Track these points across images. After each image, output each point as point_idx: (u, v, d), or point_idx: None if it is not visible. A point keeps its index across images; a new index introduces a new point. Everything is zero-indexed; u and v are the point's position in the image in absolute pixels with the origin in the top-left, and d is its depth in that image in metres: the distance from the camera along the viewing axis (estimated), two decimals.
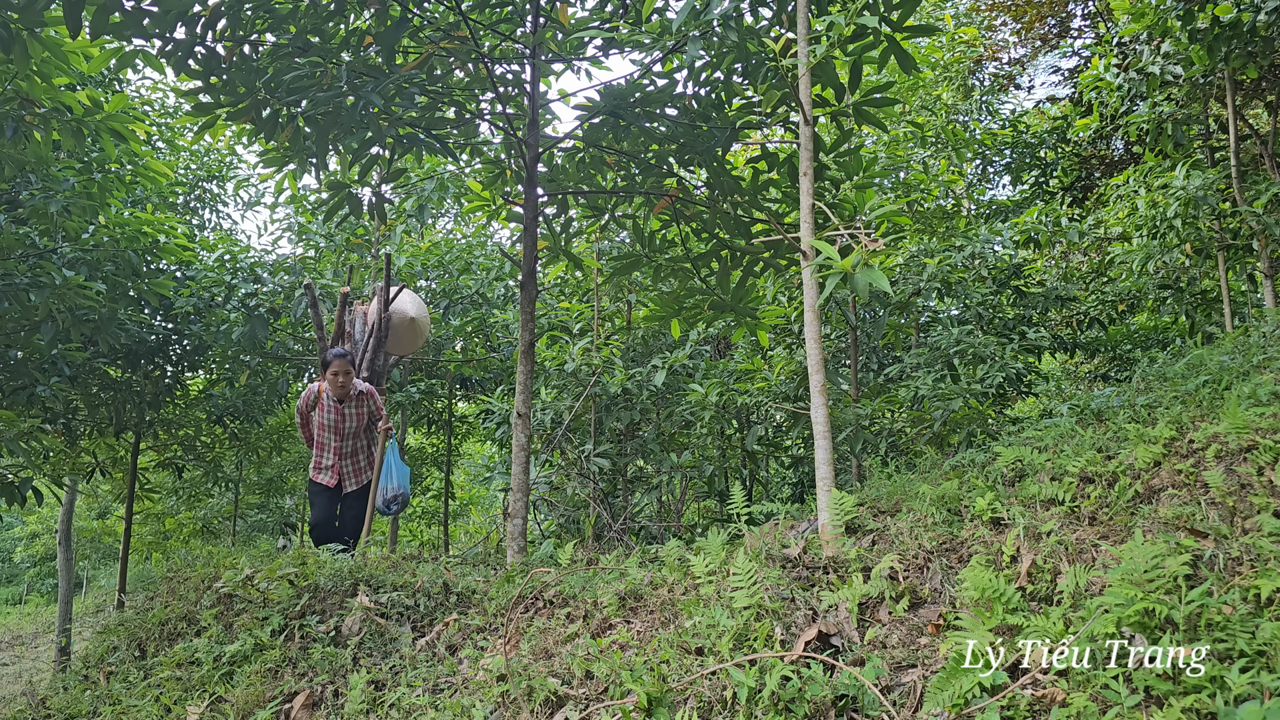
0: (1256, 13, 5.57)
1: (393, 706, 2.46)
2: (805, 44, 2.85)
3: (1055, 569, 2.17)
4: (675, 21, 3.26)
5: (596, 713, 2.10)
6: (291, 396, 10.39)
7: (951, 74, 10.05)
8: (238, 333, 8.01)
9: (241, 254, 8.67)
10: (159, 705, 2.72)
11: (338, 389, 5.38)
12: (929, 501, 2.72)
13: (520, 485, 4.44)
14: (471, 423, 12.27)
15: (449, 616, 3.02)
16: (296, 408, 5.62)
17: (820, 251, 2.57)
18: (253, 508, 15.54)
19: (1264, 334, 4.31)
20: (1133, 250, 7.30)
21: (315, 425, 5.45)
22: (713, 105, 4.68)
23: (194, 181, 10.98)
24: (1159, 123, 6.90)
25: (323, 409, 5.43)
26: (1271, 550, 1.92)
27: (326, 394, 5.42)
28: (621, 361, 7.27)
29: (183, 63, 4.21)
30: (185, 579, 3.57)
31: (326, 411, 5.43)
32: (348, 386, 5.41)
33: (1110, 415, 3.30)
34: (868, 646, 2.10)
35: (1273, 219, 6.20)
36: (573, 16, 4.97)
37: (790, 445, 7.87)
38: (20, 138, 4.97)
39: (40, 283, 6.00)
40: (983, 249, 6.80)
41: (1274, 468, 2.28)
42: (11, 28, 4.15)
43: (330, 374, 5.38)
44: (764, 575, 2.37)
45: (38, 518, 21.77)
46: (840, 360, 7.95)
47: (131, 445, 9.17)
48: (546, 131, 5.33)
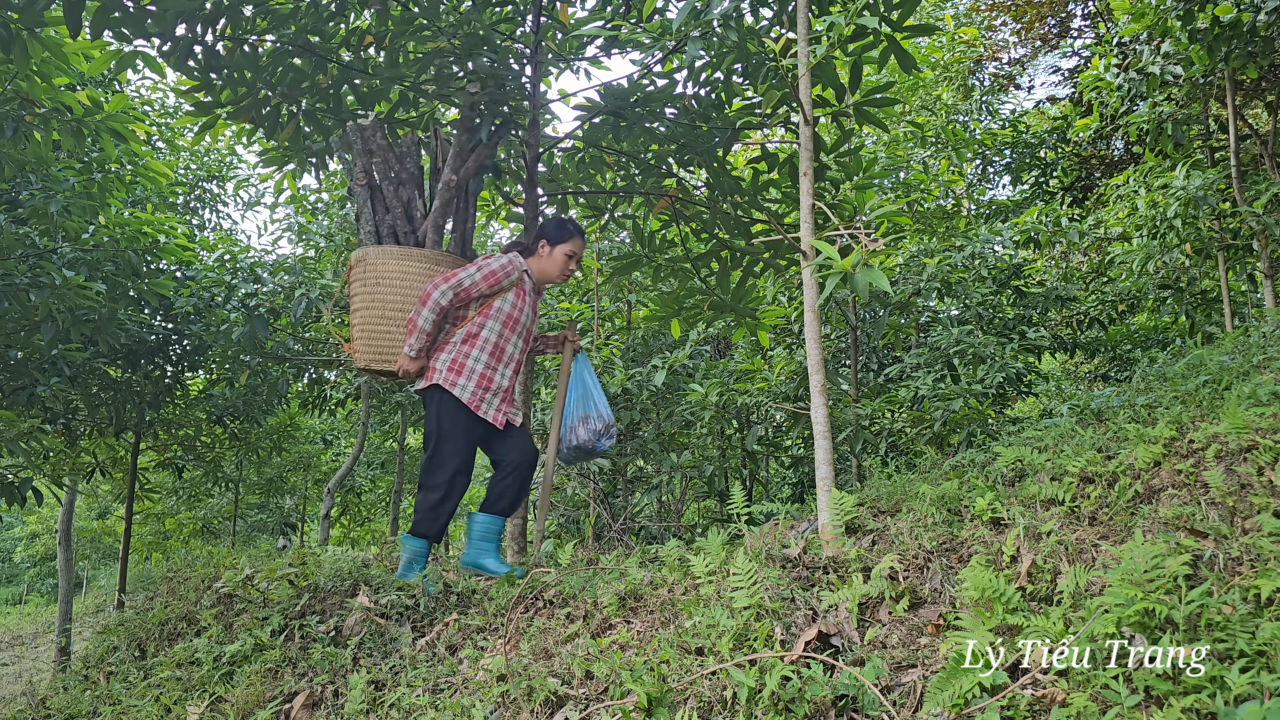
0: (1256, 13, 5.57)
1: (393, 706, 2.46)
2: (805, 44, 2.85)
3: (1055, 569, 2.17)
4: (675, 21, 3.26)
5: (596, 713, 2.10)
6: (292, 396, 10.40)
7: (951, 74, 10.05)
8: (238, 333, 8.01)
9: (241, 254, 8.68)
10: (159, 705, 2.72)
11: (562, 275, 3.78)
12: (929, 501, 2.72)
13: None
14: None
15: (449, 616, 3.02)
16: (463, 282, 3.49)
17: (820, 251, 2.57)
18: (253, 508, 15.54)
19: (1264, 334, 4.31)
20: (1133, 250, 7.30)
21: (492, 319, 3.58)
22: (713, 105, 4.68)
23: (194, 181, 10.98)
24: (1159, 123, 6.90)
25: (521, 297, 3.66)
26: (1271, 550, 1.92)
27: (528, 278, 3.72)
28: (621, 361, 7.27)
29: (183, 62, 4.21)
30: (185, 579, 3.57)
31: (523, 304, 3.68)
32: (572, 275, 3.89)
33: (1110, 415, 3.30)
34: (868, 646, 2.10)
35: (1273, 219, 6.20)
36: (573, 16, 4.97)
37: (790, 445, 7.87)
38: (20, 138, 4.97)
39: (40, 283, 6.00)
40: (983, 249, 6.80)
41: (1274, 468, 2.28)
42: (11, 28, 4.15)
43: (565, 253, 3.74)
44: (764, 575, 2.37)
45: (38, 518, 21.77)
46: (840, 360, 7.95)
47: (131, 445, 9.17)
48: (546, 131, 5.33)
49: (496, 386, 3.59)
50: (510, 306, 3.62)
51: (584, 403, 3.88)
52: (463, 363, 3.53)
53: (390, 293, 3.69)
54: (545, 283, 3.84)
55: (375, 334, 3.69)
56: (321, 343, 9.96)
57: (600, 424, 3.83)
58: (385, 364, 3.68)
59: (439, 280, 3.51)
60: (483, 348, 3.56)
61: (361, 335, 3.72)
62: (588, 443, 3.83)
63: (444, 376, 3.51)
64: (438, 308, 3.47)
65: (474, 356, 3.54)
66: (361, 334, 3.72)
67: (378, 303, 3.69)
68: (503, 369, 3.62)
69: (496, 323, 3.60)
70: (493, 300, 3.60)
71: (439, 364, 3.54)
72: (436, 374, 3.53)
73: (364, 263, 3.76)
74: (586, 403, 3.88)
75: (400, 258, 3.73)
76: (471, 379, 3.53)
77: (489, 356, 3.57)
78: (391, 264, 3.72)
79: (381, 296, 3.69)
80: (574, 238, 3.75)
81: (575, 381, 3.95)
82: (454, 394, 3.50)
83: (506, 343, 3.63)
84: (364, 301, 3.73)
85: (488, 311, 3.60)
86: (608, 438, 3.85)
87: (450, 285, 3.49)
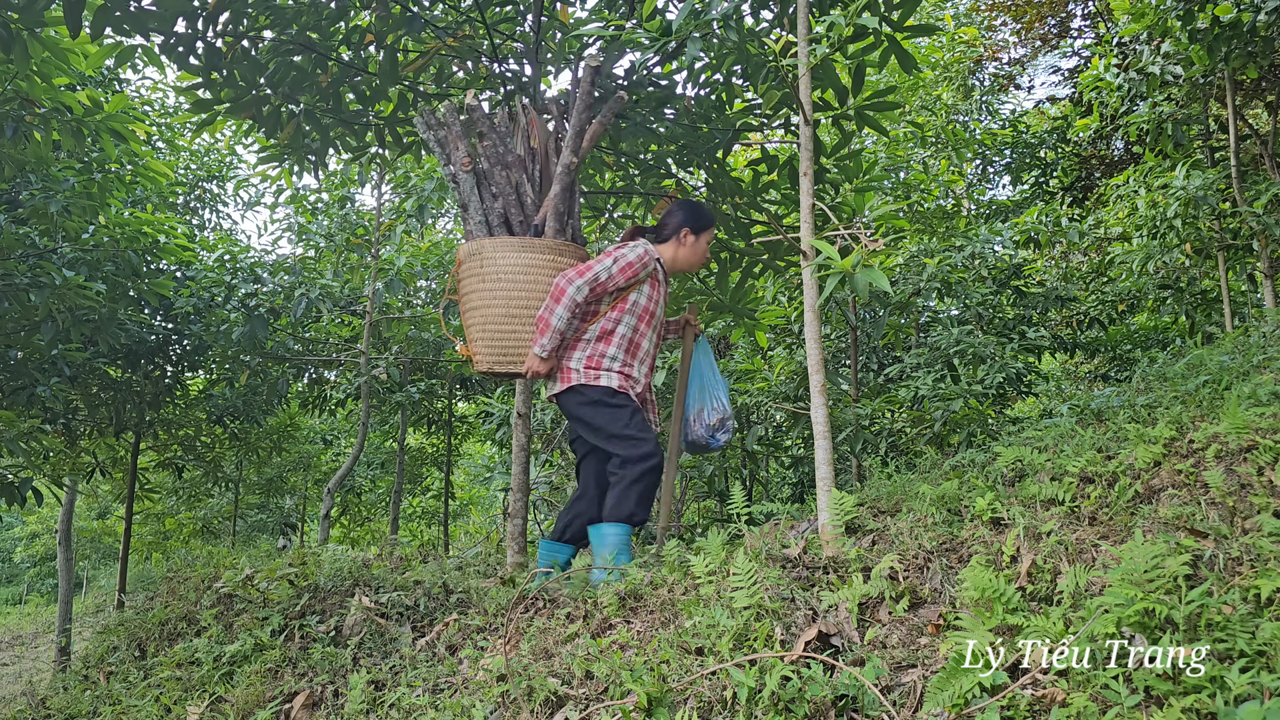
0: (1256, 13, 5.58)
1: (393, 706, 2.46)
2: (805, 45, 2.85)
3: (1055, 569, 2.17)
4: (675, 22, 3.26)
5: (596, 713, 2.10)
6: (292, 396, 10.40)
7: (951, 74, 10.05)
8: (238, 333, 8.01)
9: (241, 254, 8.68)
10: (159, 705, 2.72)
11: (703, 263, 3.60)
12: (929, 501, 2.72)
13: (520, 485, 4.44)
14: (471, 423, 12.27)
15: (449, 617, 3.02)
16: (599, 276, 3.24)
17: (820, 252, 2.57)
18: (253, 508, 15.55)
19: (1264, 334, 4.31)
20: (1133, 250, 7.30)
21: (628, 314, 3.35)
22: (713, 106, 4.68)
23: (194, 181, 10.99)
24: (1159, 123, 6.90)
25: (655, 288, 3.43)
26: (1271, 550, 1.92)
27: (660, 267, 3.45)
28: None
29: (184, 59, 4.21)
30: (185, 579, 3.57)
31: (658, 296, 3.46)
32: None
33: (1110, 415, 3.30)
34: (868, 646, 2.10)
35: (1273, 219, 6.20)
36: (573, 16, 4.98)
37: (790, 445, 7.87)
38: (20, 138, 4.97)
39: (40, 283, 6.00)
40: (983, 249, 6.80)
41: (1274, 468, 2.28)
42: (11, 28, 4.15)
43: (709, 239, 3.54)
44: (764, 575, 2.37)
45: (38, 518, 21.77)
46: (840, 360, 7.95)
47: (131, 445, 9.17)
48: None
49: (636, 382, 3.37)
50: (646, 300, 3.37)
51: (701, 394, 3.58)
52: (599, 361, 3.30)
53: (513, 288, 3.37)
54: (681, 271, 3.61)
55: (499, 334, 3.38)
56: (321, 342, 9.96)
57: (716, 417, 3.53)
58: (511, 365, 3.39)
59: (571, 274, 3.23)
60: (619, 345, 3.32)
61: (482, 336, 3.41)
62: (702, 438, 3.54)
63: (583, 375, 3.28)
64: (573, 304, 3.20)
65: (610, 355, 3.31)
66: (482, 334, 3.41)
67: (499, 299, 3.38)
68: (639, 366, 3.38)
69: (632, 317, 3.34)
70: (628, 294, 3.34)
71: (574, 363, 3.30)
72: (574, 374, 3.30)
73: (479, 256, 3.44)
74: (704, 394, 3.57)
75: (520, 249, 3.41)
76: (613, 374, 3.30)
77: (625, 354, 3.33)
78: (511, 256, 3.39)
79: (504, 292, 3.37)
80: (714, 223, 3.57)
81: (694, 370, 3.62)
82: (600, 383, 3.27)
83: (643, 338, 3.38)
84: (483, 299, 3.42)
85: (623, 306, 3.34)
86: (724, 431, 3.55)
87: (586, 280, 3.22)
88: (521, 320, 3.37)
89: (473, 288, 3.46)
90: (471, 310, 3.47)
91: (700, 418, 3.54)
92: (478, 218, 3.60)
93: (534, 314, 3.33)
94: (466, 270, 3.50)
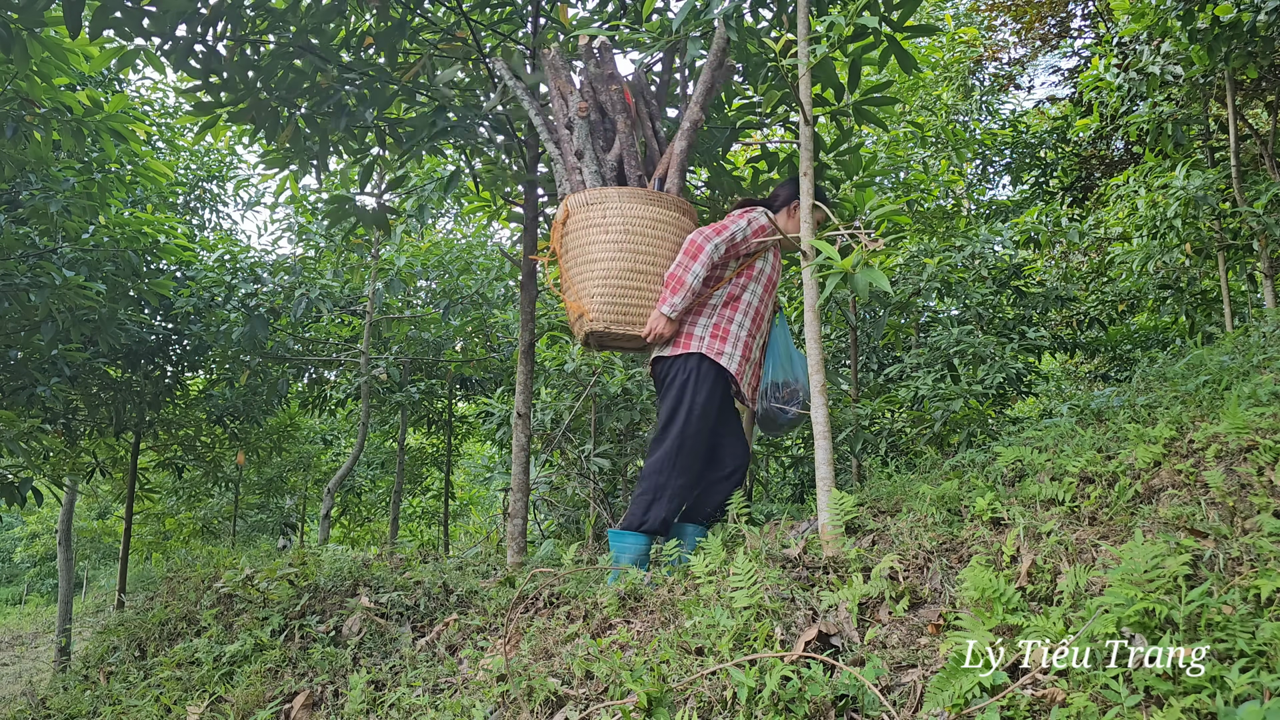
0: (1256, 13, 5.57)
1: (393, 706, 2.46)
2: (805, 44, 2.85)
3: (1055, 569, 2.17)
4: (675, 21, 3.26)
5: (596, 713, 2.10)
6: (292, 396, 10.40)
7: (951, 74, 10.05)
8: (238, 333, 8.01)
9: (241, 254, 8.68)
10: (159, 705, 2.72)
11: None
12: (929, 501, 2.72)
13: (520, 485, 4.44)
14: (471, 423, 12.27)
15: (449, 617, 3.02)
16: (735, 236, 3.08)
17: (820, 252, 2.57)
18: (253, 508, 15.54)
19: (1264, 334, 4.31)
20: (1133, 250, 7.30)
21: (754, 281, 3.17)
22: (712, 105, 4.68)
23: (194, 181, 10.99)
24: (1159, 123, 6.90)
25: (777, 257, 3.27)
26: (1271, 550, 1.92)
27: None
28: (621, 361, 7.26)
29: (183, 61, 4.21)
30: (185, 579, 3.57)
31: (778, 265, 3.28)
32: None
33: (1110, 415, 3.30)
34: (868, 646, 2.10)
35: (1273, 219, 6.20)
36: (574, 17, 4.98)
37: (790, 445, 7.87)
38: (20, 138, 4.97)
39: (40, 283, 6.00)
40: (983, 249, 6.80)
41: (1274, 468, 2.28)
42: (11, 28, 4.15)
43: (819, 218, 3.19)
44: (764, 575, 2.37)
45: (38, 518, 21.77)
46: (840, 360, 7.95)
47: (131, 445, 9.17)
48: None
49: (753, 358, 3.16)
50: (770, 269, 3.20)
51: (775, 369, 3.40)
52: (726, 328, 3.08)
53: (641, 242, 3.10)
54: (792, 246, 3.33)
55: (621, 290, 3.09)
56: (321, 342, 9.96)
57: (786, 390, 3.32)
58: (629, 326, 3.11)
59: (708, 231, 3.03)
60: (745, 313, 3.12)
61: (602, 291, 3.10)
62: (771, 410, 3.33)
63: (706, 344, 3.05)
64: (710, 263, 3.00)
65: (737, 322, 3.10)
66: (602, 289, 3.10)
67: (626, 253, 3.10)
68: (759, 338, 3.20)
69: (759, 286, 3.15)
70: (755, 260, 3.17)
71: (696, 329, 3.07)
72: (695, 340, 3.06)
73: (600, 205, 3.16)
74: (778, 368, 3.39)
75: (649, 202, 3.15)
76: (736, 347, 3.09)
77: (750, 323, 3.14)
78: (639, 208, 3.13)
79: (631, 246, 3.09)
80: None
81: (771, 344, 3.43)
82: (719, 363, 3.03)
83: (765, 308, 3.21)
84: (605, 251, 3.12)
85: (750, 273, 3.16)
86: (794, 402, 3.33)
87: (724, 238, 3.03)
88: (648, 277, 3.11)
89: (590, 239, 3.16)
90: (588, 263, 3.16)
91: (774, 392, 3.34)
92: (592, 168, 3.37)
93: (660, 271, 3.10)
94: (580, 221, 3.20)
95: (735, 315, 3.10)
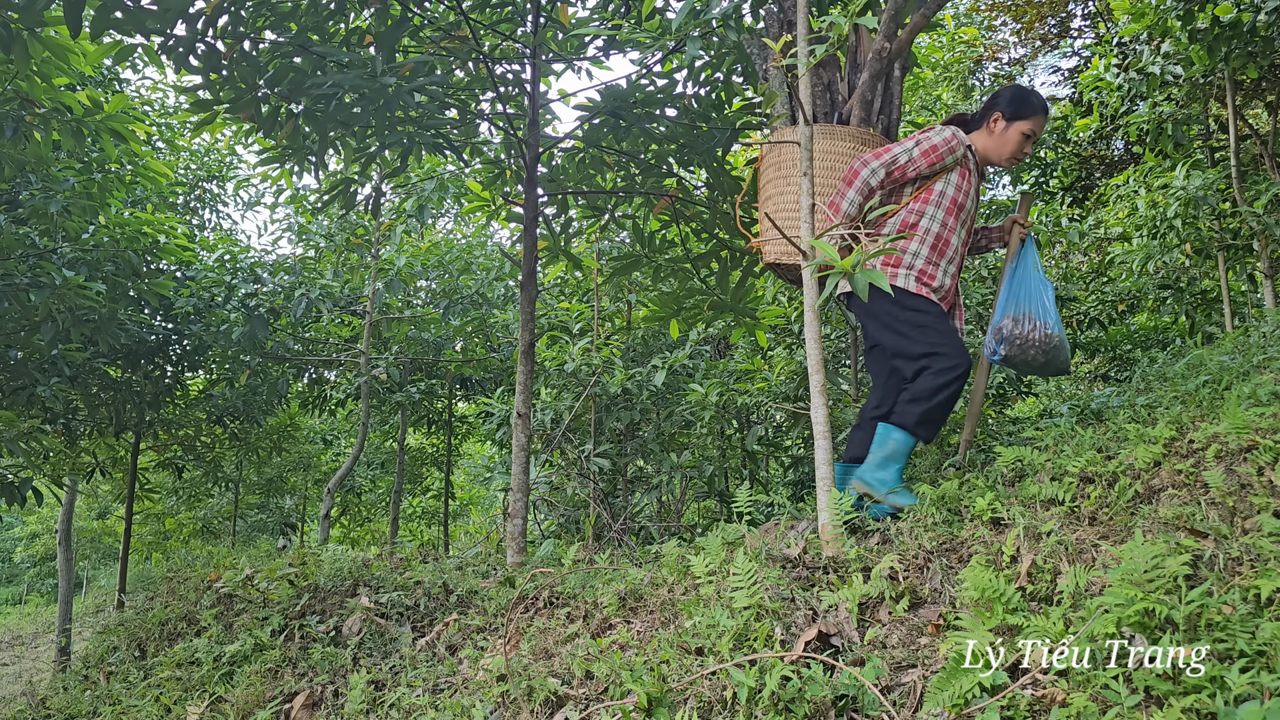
0: (1256, 13, 5.58)
1: (393, 706, 2.46)
2: (805, 45, 2.85)
3: (1055, 569, 2.17)
4: (675, 21, 3.26)
5: (596, 713, 2.10)
6: (292, 396, 10.41)
7: (951, 74, 10.05)
8: (238, 333, 8.01)
9: (241, 254, 8.68)
10: (159, 705, 2.72)
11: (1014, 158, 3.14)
12: (929, 501, 2.72)
13: (520, 485, 4.44)
14: (472, 423, 12.27)
15: (449, 617, 3.02)
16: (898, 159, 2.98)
17: (820, 252, 2.56)
18: (253, 508, 15.54)
19: (1264, 334, 4.30)
20: (1133, 250, 7.30)
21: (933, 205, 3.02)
22: (713, 105, 4.68)
23: (194, 181, 10.99)
24: (1159, 123, 6.90)
25: (965, 178, 3.08)
26: (1271, 550, 1.92)
27: (971, 155, 3.10)
28: (621, 361, 7.27)
29: (183, 59, 4.21)
30: (185, 579, 3.57)
31: (969, 186, 3.10)
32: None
33: (1110, 415, 3.30)
34: (868, 646, 2.10)
35: (1273, 219, 6.20)
36: (573, 16, 4.98)
37: (790, 445, 7.87)
38: (20, 138, 4.97)
39: (40, 283, 6.00)
40: None
41: (1274, 468, 2.28)
42: (11, 28, 4.15)
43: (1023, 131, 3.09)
44: (764, 575, 2.37)
45: (38, 518, 21.77)
46: (840, 360, 7.94)
47: (131, 445, 9.17)
48: (546, 131, 5.32)
49: (939, 286, 3.00)
50: (954, 190, 3.02)
51: (1015, 301, 3.13)
52: (899, 257, 2.98)
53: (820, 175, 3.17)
54: (992, 164, 3.19)
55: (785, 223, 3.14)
56: (321, 343, 9.96)
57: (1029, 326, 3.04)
58: (795, 257, 3.12)
59: (868, 157, 2.96)
60: (922, 240, 2.99)
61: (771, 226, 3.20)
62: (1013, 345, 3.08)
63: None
64: (866, 188, 2.93)
65: (912, 250, 2.98)
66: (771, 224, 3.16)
67: (792, 187, 3.17)
68: (945, 265, 3.02)
69: (939, 209, 3.01)
70: (933, 183, 3.02)
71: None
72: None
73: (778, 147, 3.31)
74: (1020, 301, 3.12)
75: (822, 136, 3.19)
76: (911, 274, 2.96)
77: (930, 250, 2.99)
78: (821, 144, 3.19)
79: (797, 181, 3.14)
80: (1037, 114, 3.07)
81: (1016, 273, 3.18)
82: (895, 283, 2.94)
83: (951, 234, 3.02)
84: (777, 188, 3.23)
85: (927, 197, 3.02)
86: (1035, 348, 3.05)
87: (882, 162, 2.95)
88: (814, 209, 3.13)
89: (769, 178, 3.31)
90: (766, 201, 3.30)
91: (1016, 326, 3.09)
92: (784, 112, 3.60)
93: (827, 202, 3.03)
94: (766, 163, 3.35)
95: (910, 244, 2.98)
